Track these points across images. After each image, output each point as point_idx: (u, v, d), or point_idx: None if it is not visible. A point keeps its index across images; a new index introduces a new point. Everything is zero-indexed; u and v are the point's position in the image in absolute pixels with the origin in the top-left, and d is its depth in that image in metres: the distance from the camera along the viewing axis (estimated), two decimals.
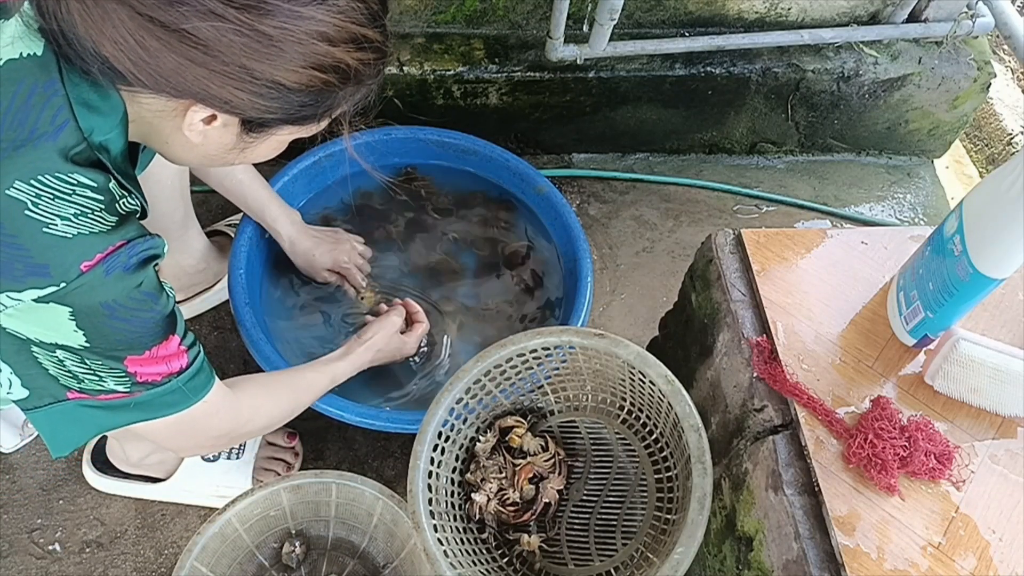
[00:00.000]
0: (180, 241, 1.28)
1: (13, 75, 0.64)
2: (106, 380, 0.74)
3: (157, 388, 0.77)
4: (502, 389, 0.99)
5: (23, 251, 0.64)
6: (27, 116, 0.64)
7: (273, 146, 0.78)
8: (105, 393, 0.75)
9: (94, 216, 0.67)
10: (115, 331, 0.70)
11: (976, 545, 0.76)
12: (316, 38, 0.66)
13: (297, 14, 0.64)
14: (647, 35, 1.53)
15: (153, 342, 0.74)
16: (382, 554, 1.15)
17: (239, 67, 0.64)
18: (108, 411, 0.77)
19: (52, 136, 0.64)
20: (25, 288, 0.65)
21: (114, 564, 1.18)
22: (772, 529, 0.81)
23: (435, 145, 1.42)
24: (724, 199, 1.68)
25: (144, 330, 0.73)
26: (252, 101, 0.67)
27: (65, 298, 0.66)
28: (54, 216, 0.64)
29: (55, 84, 0.65)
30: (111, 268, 0.67)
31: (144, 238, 0.71)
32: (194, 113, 0.69)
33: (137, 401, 0.76)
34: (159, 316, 0.73)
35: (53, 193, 0.64)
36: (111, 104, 0.68)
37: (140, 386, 0.75)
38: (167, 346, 0.75)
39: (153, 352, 0.74)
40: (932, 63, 1.60)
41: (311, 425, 1.27)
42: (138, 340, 0.73)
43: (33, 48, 0.65)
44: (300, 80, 0.67)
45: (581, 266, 1.27)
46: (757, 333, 0.90)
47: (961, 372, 0.82)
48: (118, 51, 0.62)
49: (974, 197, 0.76)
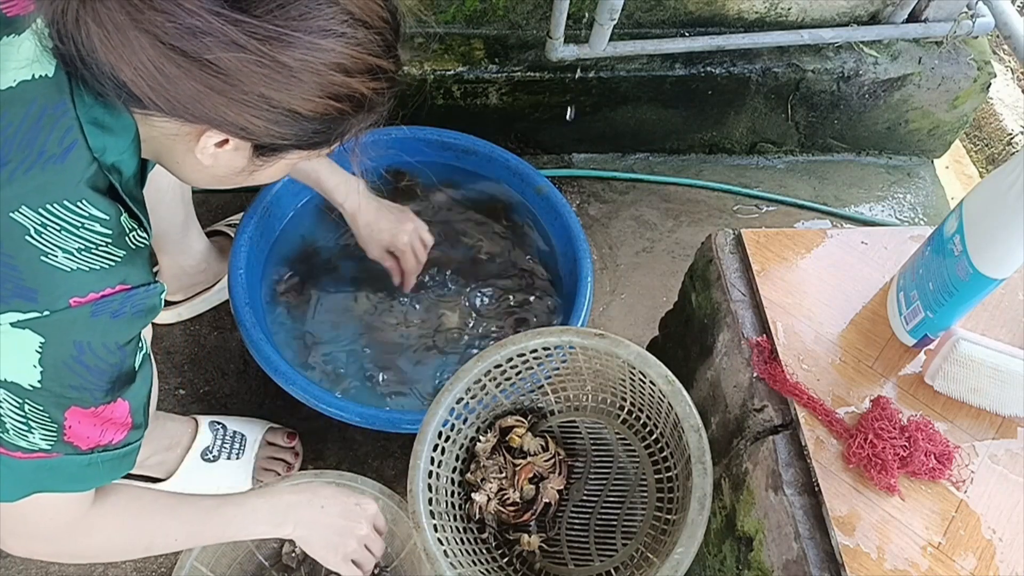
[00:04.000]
0: (181, 242, 1.28)
1: (25, 96, 0.64)
2: (34, 433, 0.69)
3: (77, 456, 0.71)
4: (502, 389, 0.99)
5: (15, 272, 0.63)
6: (36, 137, 0.63)
7: (282, 168, 0.78)
8: (23, 451, 0.69)
9: (99, 251, 0.66)
10: (74, 375, 0.67)
11: (976, 545, 0.76)
12: (333, 69, 0.66)
13: (317, 46, 0.64)
14: (647, 35, 1.53)
15: (104, 399, 0.70)
16: (382, 554, 1.15)
17: (257, 96, 0.65)
18: (12, 471, 0.71)
19: (60, 158, 0.64)
20: (6, 310, 0.63)
21: (114, 564, 1.18)
22: (772, 529, 0.81)
23: (435, 145, 1.42)
24: (724, 199, 1.68)
25: (101, 383, 0.69)
26: (267, 128, 0.68)
27: (43, 327, 0.64)
28: (56, 248, 0.64)
29: (65, 104, 0.64)
30: (99, 311, 0.66)
31: (146, 287, 0.69)
32: (208, 138, 0.69)
33: (50, 464, 0.71)
34: (123, 371, 0.71)
35: (60, 224, 0.64)
36: (123, 125, 0.68)
37: (63, 446, 0.70)
38: (116, 409, 0.72)
39: (99, 411, 0.71)
40: (932, 63, 1.60)
41: (311, 425, 1.27)
42: (92, 391, 0.69)
43: (46, 69, 0.65)
44: (315, 109, 0.68)
45: (581, 266, 1.27)
46: (757, 333, 0.90)
47: (961, 372, 0.82)
48: (137, 77, 0.62)
49: (974, 197, 0.76)
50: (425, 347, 1.30)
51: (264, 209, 1.31)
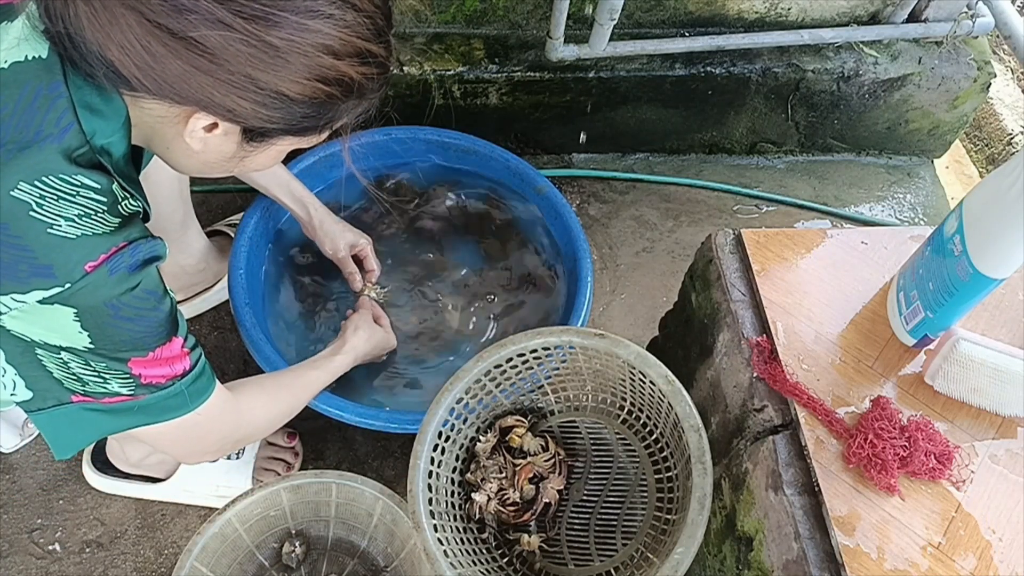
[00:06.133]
0: (180, 241, 1.28)
1: (18, 77, 0.65)
2: (110, 383, 0.74)
3: (161, 391, 0.77)
4: (502, 389, 0.99)
5: (27, 252, 0.64)
6: (32, 118, 0.64)
7: (273, 156, 0.79)
8: (109, 396, 0.75)
9: (97, 217, 0.67)
10: (119, 331, 0.70)
11: (976, 545, 0.76)
12: (321, 51, 0.66)
13: (304, 27, 0.64)
14: (647, 35, 1.53)
15: (157, 343, 0.74)
16: (382, 554, 1.15)
17: (244, 76, 0.65)
18: (111, 415, 0.77)
19: (56, 138, 0.65)
20: (30, 290, 0.65)
21: (114, 564, 1.18)
22: (772, 529, 0.81)
23: (435, 145, 1.42)
24: (724, 199, 1.68)
25: (148, 330, 0.73)
26: (255, 110, 0.68)
27: (70, 299, 0.66)
28: (58, 217, 0.65)
29: (59, 87, 0.65)
30: (115, 268, 0.67)
31: (146, 239, 0.71)
32: (196, 120, 0.69)
33: (140, 404, 0.77)
34: (162, 316, 0.74)
35: (57, 194, 0.65)
36: (113, 108, 0.68)
37: (144, 389, 0.75)
38: (170, 347, 0.76)
39: (157, 353, 0.74)
40: (932, 63, 1.60)
41: (311, 425, 1.27)
42: (142, 340, 0.73)
43: (38, 51, 0.65)
44: (303, 92, 0.68)
45: (581, 266, 1.27)
46: (757, 333, 0.90)
47: (961, 372, 0.82)
48: (124, 56, 0.62)
49: (974, 197, 0.76)
50: (425, 347, 1.31)
51: (264, 209, 1.31)
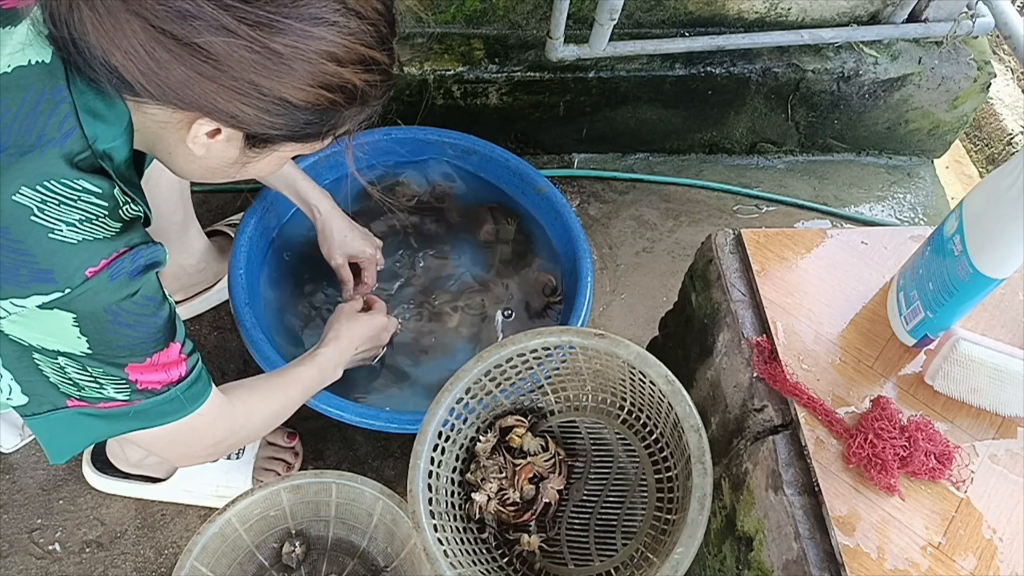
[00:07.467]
0: (180, 241, 1.28)
1: (21, 82, 0.65)
2: (106, 388, 0.74)
3: (156, 396, 0.77)
4: (502, 389, 0.99)
5: (28, 256, 0.64)
6: (35, 122, 0.64)
7: (275, 162, 0.79)
8: (104, 401, 0.75)
9: (98, 222, 0.67)
10: (118, 337, 0.70)
11: (976, 545, 0.76)
12: (325, 58, 0.66)
13: (308, 33, 0.65)
14: (647, 35, 1.53)
15: (154, 348, 0.74)
16: (382, 554, 1.15)
17: (247, 83, 0.65)
18: (106, 420, 0.77)
19: (59, 143, 0.65)
20: (29, 294, 0.65)
21: (114, 564, 1.18)
22: (772, 529, 0.81)
23: (435, 145, 1.42)
24: (724, 199, 1.68)
25: (146, 336, 0.73)
26: (258, 117, 0.68)
27: (70, 304, 0.66)
28: (59, 221, 0.65)
29: (62, 91, 0.65)
30: (115, 274, 0.67)
31: (147, 245, 0.71)
32: (199, 126, 0.69)
33: (136, 410, 0.77)
34: (161, 322, 0.74)
35: (58, 199, 0.65)
36: (116, 113, 0.68)
37: (140, 394, 0.75)
38: (168, 353, 0.76)
39: (154, 359, 0.74)
40: (932, 63, 1.60)
41: (311, 425, 1.27)
42: (140, 346, 0.73)
43: (42, 55, 0.65)
44: (307, 98, 0.68)
45: (581, 266, 1.27)
46: (757, 333, 0.90)
47: (961, 372, 0.82)
48: (128, 61, 0.62)
49: (974, 197, 0.76)
50: (425, 347, 1.31)
51: (264, 209, 1.31)
